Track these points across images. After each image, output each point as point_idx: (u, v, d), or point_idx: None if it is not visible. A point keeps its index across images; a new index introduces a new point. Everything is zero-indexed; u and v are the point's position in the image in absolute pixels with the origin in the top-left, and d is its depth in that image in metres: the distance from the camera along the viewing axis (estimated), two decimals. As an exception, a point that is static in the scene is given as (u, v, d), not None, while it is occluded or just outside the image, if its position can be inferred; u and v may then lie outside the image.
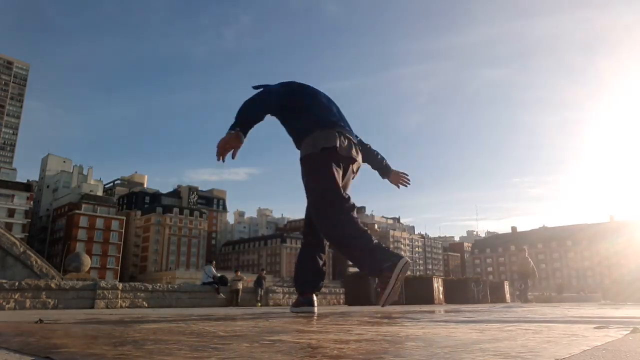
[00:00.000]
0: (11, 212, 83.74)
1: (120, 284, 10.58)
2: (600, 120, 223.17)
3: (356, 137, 3.16)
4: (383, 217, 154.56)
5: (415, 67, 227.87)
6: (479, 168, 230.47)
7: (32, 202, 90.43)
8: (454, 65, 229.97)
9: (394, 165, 3.55)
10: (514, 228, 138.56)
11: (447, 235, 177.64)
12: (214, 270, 13.83)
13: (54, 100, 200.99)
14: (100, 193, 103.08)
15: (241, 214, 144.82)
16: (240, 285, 13.80)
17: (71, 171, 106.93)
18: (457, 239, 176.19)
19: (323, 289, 16.52)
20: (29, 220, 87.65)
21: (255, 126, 2.97)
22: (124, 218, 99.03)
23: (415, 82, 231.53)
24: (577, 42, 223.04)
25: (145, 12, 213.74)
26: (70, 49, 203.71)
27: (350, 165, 3.01)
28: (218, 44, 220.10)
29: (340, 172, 2.89)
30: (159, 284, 12.04)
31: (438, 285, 12.07)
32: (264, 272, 15.43)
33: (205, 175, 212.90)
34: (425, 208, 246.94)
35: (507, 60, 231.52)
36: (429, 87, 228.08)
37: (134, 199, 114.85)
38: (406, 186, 3.54)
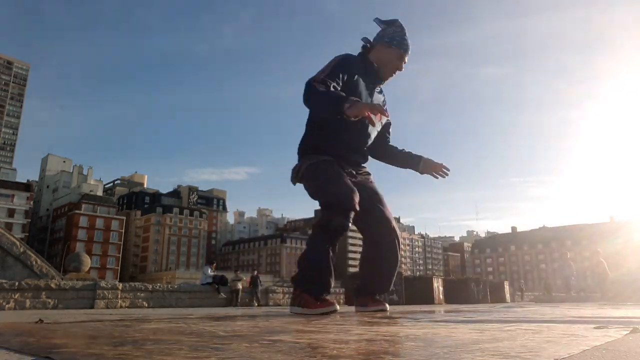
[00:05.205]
0: (11, 212, 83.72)
1: (120, 284, 10.58)
2: (599, 120, 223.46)
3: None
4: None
5: (414, 66, 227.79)
6: (479, 168, 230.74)
7: (32, 202, 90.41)
8: (454, 64, 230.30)
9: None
10: (514, 228, 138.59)
11: (447, 235, 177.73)
12: (211, 270, 13.85)
13: (54, 100, 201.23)
14: (100, 193, 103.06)
15: (241, 214, 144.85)
16: (240, 286, 13.82)
17: (71, 171, 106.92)
18: (457, 239, 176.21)
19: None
20: (29, 220, 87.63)
21: (256, 125, 3.02)
22: (124, 218, 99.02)
23: (414, 80, 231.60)
24: (575, 41, 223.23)
25: (145, 10, 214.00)
26: (70, 49, 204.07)
27: None
28: (218, 42, 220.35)
29: None
30: (159, 284, 12.04)
31: (438, 285, 12.06)
32: (256, 272, 15.54)
33: (205, 175, 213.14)
34: (425, 208, 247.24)
35: (506, 59, 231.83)
36: (428, 86, 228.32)
37: (134, 199, 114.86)
38: (444, 177, 3.17)
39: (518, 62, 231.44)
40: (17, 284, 8.64)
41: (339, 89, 2.66)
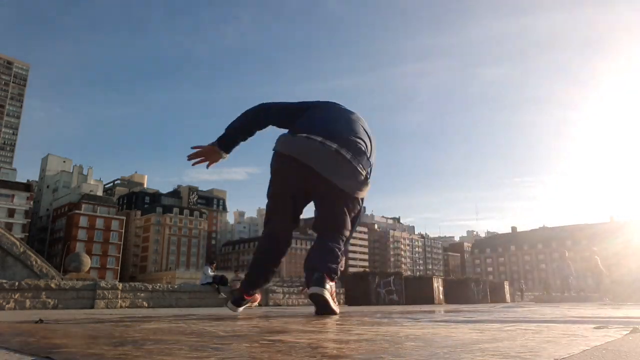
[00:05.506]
0: (11, 212, 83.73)
1: (120, 284, 10.57)
2: (600, 120, 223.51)
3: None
4: (383, 217, 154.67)
5: (415, 65, 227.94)
6: (479, 168, 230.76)
7: (32, 202, 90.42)
8: (455, 64, 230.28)
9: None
10: (514, 228, 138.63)
11: (447, 235, 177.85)
12: (211, 270, 13.85)
13: (53, 100, 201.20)
14: (100, 193, 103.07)
15: (241, 214, 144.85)
16: (240, 286, 13.81)
17: (71, 171, 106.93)
18: (457, 239, 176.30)
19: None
20: (29, 220, 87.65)
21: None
22: (124, 218, 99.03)
23: (415, 80, 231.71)
24: (576, 40, 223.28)
25: (145, 10, 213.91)
26: (70, 49, 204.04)
27: (295, 167, 2.67)
28: (219, 42, 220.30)
29: (282, 176, 2.79)
30: (159, 284, 12.04)
31: (438, 285, 12.07)
32: None
33: (205, 175, 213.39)
34: (425, 208, 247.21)
35: (507, 59, 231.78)
36: (429, 86, 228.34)
37: (134, 199, 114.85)
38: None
39: (518, 62, 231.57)
40: (17, 284, 8.63)
41: None
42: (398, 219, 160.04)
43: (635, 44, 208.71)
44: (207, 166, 2.87)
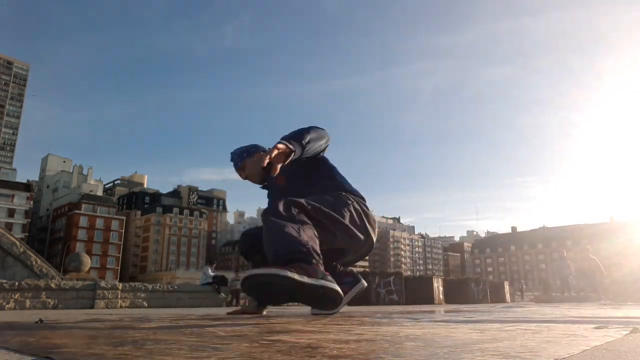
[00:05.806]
0: (11, 212, 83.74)
1: (120, 284, 10.57)
2: (600, 121, 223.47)
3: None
4: (383, 217, 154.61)
5: (416, 65, 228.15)
6: (479, 168, 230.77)
7: (32, 202, 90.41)
8: (456, 64, 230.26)
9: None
10: (514, 228, 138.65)
11: (447, 235, 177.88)
12: (211, 270, 13.84)
13: (54, 100, 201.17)
14: (100, 193, 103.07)
15: (241, 214, 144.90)
16: (240, 286, 13.81)
17: (71, 171, 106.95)
18: (457, 239, 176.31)
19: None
20: (29, 220, 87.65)
21: (256, 125, 2.89)
22: (124, 218, 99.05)
23: (416, 80, 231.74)
24: (577, 41, 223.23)
25: (145, 10, 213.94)
26: (70, 48, 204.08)
27: None
28: (218, 42, 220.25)
29: None
30: (159, 284, 12.03)
31: (438, 285, 12.07)
32: None
33: (205, 175, 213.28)
34: (425, 208, 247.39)
35: (509, 59, 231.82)
36: (430, 86, 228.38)
37: (134, 199, 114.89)
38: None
39: (520, 62, 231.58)
40: (17, 284, 8.63)
41: None
42: (398, 219, 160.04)
43: (636, 43, 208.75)
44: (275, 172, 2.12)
